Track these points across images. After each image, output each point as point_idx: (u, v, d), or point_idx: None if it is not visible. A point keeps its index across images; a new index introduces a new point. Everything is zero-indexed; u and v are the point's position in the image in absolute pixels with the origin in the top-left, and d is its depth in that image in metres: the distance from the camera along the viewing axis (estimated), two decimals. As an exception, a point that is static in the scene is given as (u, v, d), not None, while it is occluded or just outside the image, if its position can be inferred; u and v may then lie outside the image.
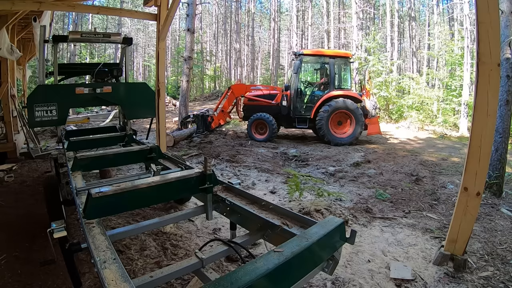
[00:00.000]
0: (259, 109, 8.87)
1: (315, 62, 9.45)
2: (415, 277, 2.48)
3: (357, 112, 8.27)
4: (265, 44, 41.02)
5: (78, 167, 2.83)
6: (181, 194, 2.70)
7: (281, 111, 8.81)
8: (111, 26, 30.73)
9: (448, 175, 5.45)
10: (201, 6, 26.22)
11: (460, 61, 13.85)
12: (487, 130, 2.39)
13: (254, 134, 8.75)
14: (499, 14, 2.34)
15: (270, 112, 8.72)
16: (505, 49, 4.19)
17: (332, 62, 8.64)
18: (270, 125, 8.54)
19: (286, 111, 8.77)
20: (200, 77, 28.29)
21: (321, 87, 8.93)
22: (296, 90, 8.69)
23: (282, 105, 8.77)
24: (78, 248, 1.58)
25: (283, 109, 8.77)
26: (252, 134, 8.74)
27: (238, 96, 9.47)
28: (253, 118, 8.71)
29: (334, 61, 8.69)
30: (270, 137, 8.62)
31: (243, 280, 1.10)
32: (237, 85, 10.17)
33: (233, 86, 9.66)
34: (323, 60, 8.94)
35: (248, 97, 9.17)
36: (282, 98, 8.80)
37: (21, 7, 4.40)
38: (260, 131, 8.80)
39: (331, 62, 8.64)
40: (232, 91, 9.35)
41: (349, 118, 8.48)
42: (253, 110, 8.93)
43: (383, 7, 24.70)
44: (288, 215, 1.88)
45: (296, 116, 8.75)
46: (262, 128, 8.76)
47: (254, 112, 8.86)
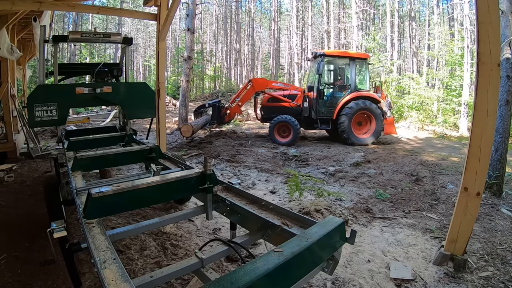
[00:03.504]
0: (278, 110, 8.64)
1: (336, 63, 9.15)
2: (415, 277, 2.48)
3: (377, 113, 8.34)
4: (265, 44, 41.02)
5: (78, 167, 2.83)
6: (181, 194, 2.70)
7: (302, 112, 8.66)
8: (111, 26, 30.72)
9: (448, 175, 5.45)
10: (201, 6, 26.26)
11: (460, 61, 13.86)
12: (487, 130, 2.39)
13: (277, 137, 8.42)
14: (499, 14, 2.34)
15: (290, 114, 8.51)
16: (505, 49, 4.19)
17: (353, 63, 8.61)
18: (295, 127, 8.25)
19: (308, 112, 8.64)
20: (200, 77, 28.29)
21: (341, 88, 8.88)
22: (318, 91, 8.55)
23: (303, 106, 8.64)
24: (78, 248, 1.58)
25: (304, 110, 8.64)
26: (275, 137, 8.40)
27: (257, 91, 9.05)
28: (276, 121, 8.37)
29: (355, 62, 8.66)
30: (294, 140, 8.31)
31: (243, 280, 1.10)
32: (258, 79, 9.68)
33: (253, 80, 9.20)
34: (344, 61, 8.84)
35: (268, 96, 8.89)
36: (304, 99, 8.66)
37: (21, 7, 4.41)
38: (283, 134, 8.47)
39: (351, 63, 8.61)
40: (252, 85, 8.90)
41: (369, 119, 8.53)
42: (272, 111, 8.69)
43: (383, 7, 24.70)
44: (288, 215, 1.88)
45: (319, 118, 8.61)
46: (285, 131, 8.45)
47: (273, 113, 8.61)
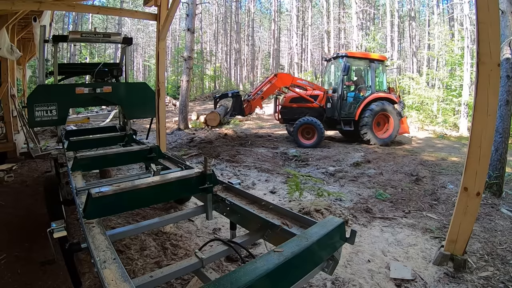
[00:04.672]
0: (300, 111, 8.55)
1: (357, 64, 9.07)
2: (415, 277, 2.48)
3: (395, 113, 8.46)
4: (265, 44, 41.04)
5: (78, 167, 2.83)
6: (181, 194, 2.70)
7: (325, 113, 8.64)
8: (111, 26, 30.72)
9: (448, 175, 5.45)
10: (201, 6, 26.24)
11: (460, 61, 13.87)
12: (487, 130, 2.39)
13: (300, 139, 8.23)
14: (499, 14, 2.34)
15: (312, 114, 8.44)
16: (505, 49, 4.19)
17: (373, 65, 8.69)
18: (319, 129, 8.13)
19: (331, 113, 8.62)
20: (200, 77, 28.30)
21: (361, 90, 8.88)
22: (342, 91, 8.53)
23: (327, 107, 8.63)
24: (78, 248, 1.58)
25: (328, 111, 8.63)
26: (299, 139, 8.21)
27: (281, 86, 8.89)
28: (301, 122, 8.19)
29: (375, 64, 8.73)
30: (318, 142, 8.16)
31: (243, 280, 1.10)
32: (284, 74, 9.41)
33: (279, 74, 8.95)
34: (365, 63, 8.86)
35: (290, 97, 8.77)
36: (327, 100, 8.64)
37: (21, 7, 4.41)
38: (307, 136, 8.30)
39: (371, 64, 8.68)
40: (277, 79, 8.63)
41: (387, 119, 8.62)
42: (294, 112, 8.60)
43: (383, 7, 24.72)
44: (288, 215, 1.88)
45: (342, 118, 8.59)
46: (309, 132, 8.29)
47: (294, 114, 8.51)
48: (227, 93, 8.98)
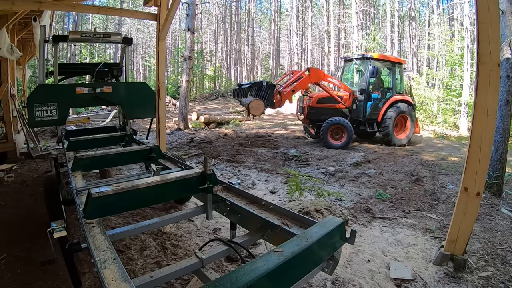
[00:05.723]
0: (326, 111, 8.49)
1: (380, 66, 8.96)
2: (415, 277, 2.48)
3: (412, 115, 8.67)
4: (265, 44, 41.03)
5: (78, 167, 2.83)
6: (181, 194, 2.70)
7: (351, 114, 8.66)
8: (111, 26, 30.73)
9: (448, 175, 5.45)
10: (201, 6, 26.25)
11: (460, 61, 13.88)
12: (487, 130, 2.39)
13: (330, 140, 8.14)
14: (499, 14, 2.34)
15: (336, 115, 8.40)
16: (505, 49, 4.19)
17: (394, 67, 8.78)
18: (349, 130, 8.10)
19: (357, 115, 8.64)
20: (200, 77, 28.34)
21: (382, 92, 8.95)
22: (368, 93, 8.59)
23: (353, 108, 8.66)
24: (78, 248, 1.58)
25: (353, 112, 8.66)
26: (328, 140, 8.12)
27: (312, 82, 8.63)
28: (330, 123, 8.11)
29: (396, 67, 8.81)
30: (348, 143, 8.14)
31: (243, 280, 1.10)
32: (316, 69, 9.20)
33: (312, 69, 8.67)
34: (387, 65, 8.93)
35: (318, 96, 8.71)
36: (353, 101, 8.65)
37: (21, 7, 4.41)
38: (335, 136, 8.28)
39: (393, 67, 8.78)
40: (310, 74, 8.30)
41: (404, 121, 8.76)
42: (321, 112, 8.54)
43: (383, 7, 24.71)
44: (288, 215, 1.88)
45: (367, 120, 8.63)
46: (338, 133, 8.27)
47: (321, 115, 8.48)
48: (261, 81, 8.41)
